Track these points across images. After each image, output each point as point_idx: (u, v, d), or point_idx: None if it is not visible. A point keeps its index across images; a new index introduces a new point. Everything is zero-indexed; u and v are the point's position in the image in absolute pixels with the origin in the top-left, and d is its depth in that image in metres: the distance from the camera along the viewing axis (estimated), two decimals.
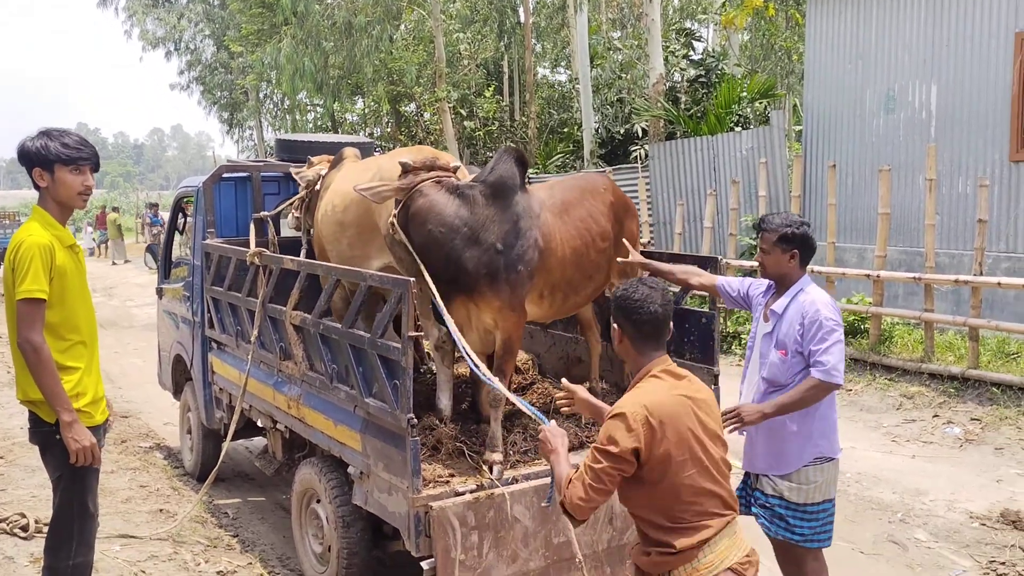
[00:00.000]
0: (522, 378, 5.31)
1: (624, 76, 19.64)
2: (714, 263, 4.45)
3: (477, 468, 4.00)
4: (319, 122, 27.73)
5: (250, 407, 5.43)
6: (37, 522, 4.71)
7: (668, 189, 14.18)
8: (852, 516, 5.70)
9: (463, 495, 3.74)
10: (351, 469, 4.15)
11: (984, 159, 9.43)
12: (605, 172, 13.85)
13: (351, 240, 4.69)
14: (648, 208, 14.17)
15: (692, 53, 18.23)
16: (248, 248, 5.17)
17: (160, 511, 5.58)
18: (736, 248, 10.92)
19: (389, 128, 25.81)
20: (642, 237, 5.78)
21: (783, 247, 3.64)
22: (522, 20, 23.00)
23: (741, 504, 3.57)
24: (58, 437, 3.32)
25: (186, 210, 6.93)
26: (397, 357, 3.68)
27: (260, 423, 5.51)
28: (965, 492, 6.02)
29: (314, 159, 5.53)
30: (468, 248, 3.97)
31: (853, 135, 11.05)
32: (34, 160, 3.36)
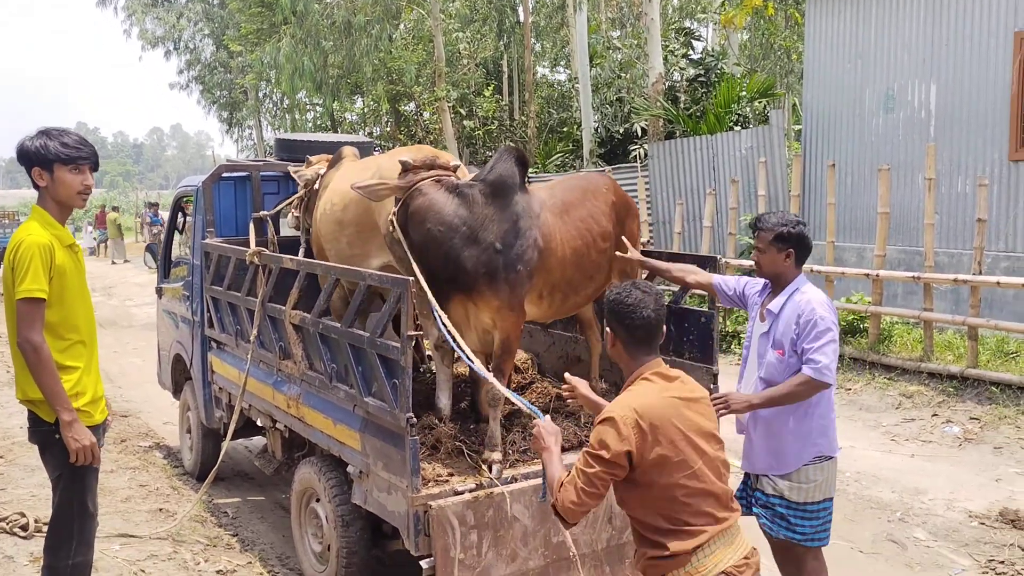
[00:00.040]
0: (521, 377, 5.30)
1: (623, 75, 19.64)
2: (713, 262, 4.45)
3: (476, 467, 4.00)
4: (318, 121, 27.72)
5: (249, 406, 5.43)
6: (37, 521, 4.71)
7: (667, 188, 14.18)
8: (851, 515, 5.70)
9: (462, 494, 3.75)
10: (350, 468, 4.16)
11: (983, 158, 9.43)
12: (604, 171, 13.84)
13: (350, 239, 4.68)
14: (647, 207, 14.16)
15: (691, 52, 18.24)
16: (247, 247, 5.17)
17: (160, 510, 5.58)
18: (735, 247, 10.93)
19: (388, 127, 25.81)
20: (642, 236, 5.77)
21: (779, 246, 3.66)
22: (521, 19, 23.00)
23: (742, 504, 3.57)
24: (57, 436, 3.33)
25: (186, 209, 6.94)
26: (396, 356, 3.68)
27: (259, 422, 5.51)
28: (964, 491, 6.02)
29: (312, 158, 5.53)
30: (467, 247, 3.96)
31: (852, 134, 11.05)
32: (33, 160, 3.36)
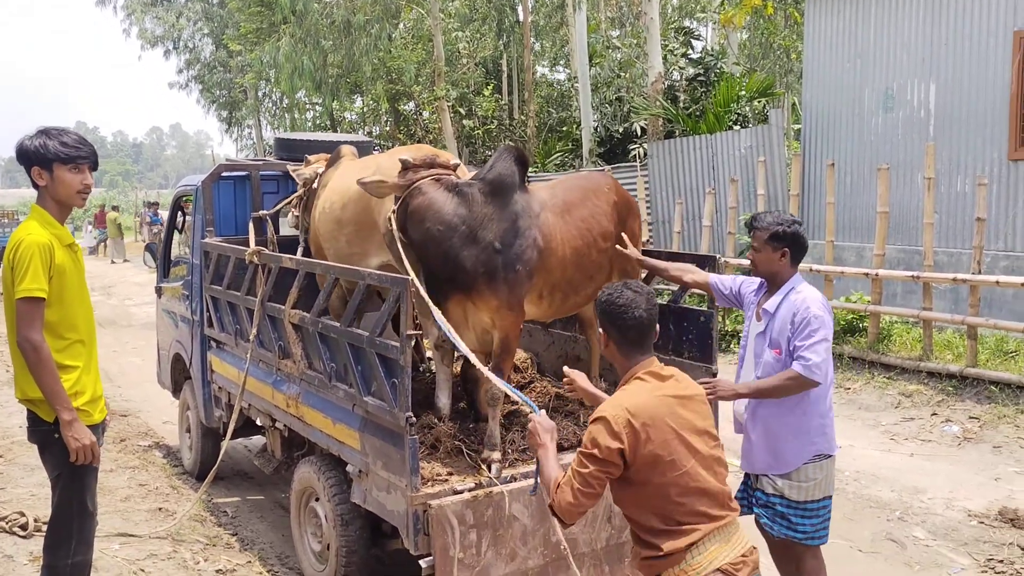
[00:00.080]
0: (521, 376, 5.31)
1: (623, 75, 19.65)
2: (712, 262, 4.45)
3: (475, 466, 4.00)
4: (318, 121, 27.70)
5: (249, 406, 5.43)
6: (36, 520, 4.71)
7: (667, 188, 14.18)
8: (850, 514, 5.70)
9: (461, 493, 3.75)
10: (350, 467, 4.16)
11: (983, 158, 9.44)
12: (604, 171, 13.84)
13: (349, 238, 4.68)
14: (647, 207, 14.16)
15: (691, 52, 18.25)
16: (247, 247, 5.17)
17: (159, 510, 5.58)
18: (735, 246, 10.93)
19: (388, 127, 25.81)
20: (642, 236, 5.78)
21: (774, 245, 3.66)
22: (521, 18, 23.01)
23: (742, 505, 3.58)
24: (57, 436, 3.33)
25: (185, 209, 6.93)
26: (396, 356, 3.68)
27: (259, 422, 5.52)
28: (963, 490, 6.03)
29: (311, 157, 5.52)
30: (466, 246, 3.96)
31: (852, 134, 11.05)
32: (33, 159, 3.36)
